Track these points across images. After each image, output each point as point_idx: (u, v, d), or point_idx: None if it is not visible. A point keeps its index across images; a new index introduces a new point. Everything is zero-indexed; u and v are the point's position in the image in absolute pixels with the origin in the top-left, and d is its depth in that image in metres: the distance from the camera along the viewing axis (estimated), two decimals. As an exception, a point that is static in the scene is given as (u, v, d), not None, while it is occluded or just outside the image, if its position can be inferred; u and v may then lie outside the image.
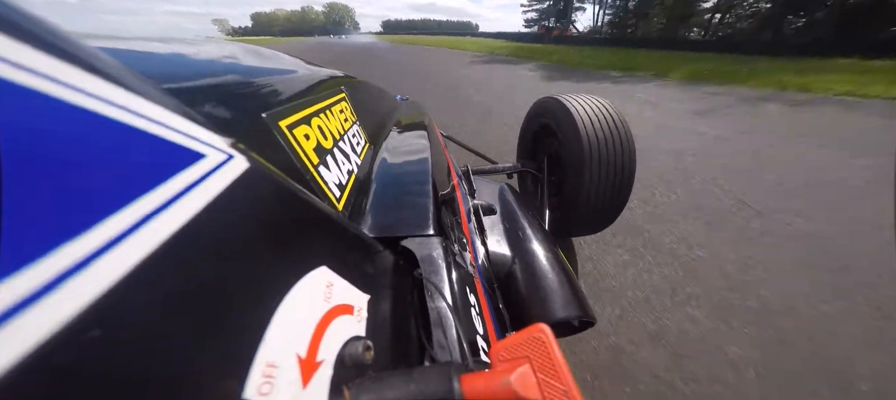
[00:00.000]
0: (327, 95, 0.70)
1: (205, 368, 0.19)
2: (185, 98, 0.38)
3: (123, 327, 0.15)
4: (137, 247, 0.17)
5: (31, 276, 0.13)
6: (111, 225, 0.16)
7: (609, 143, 1.30)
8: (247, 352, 0.21)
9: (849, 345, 1.29)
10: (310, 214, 0.32)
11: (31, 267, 0.13)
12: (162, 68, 0.49)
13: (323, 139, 0.58)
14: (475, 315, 0.49)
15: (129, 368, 0.15)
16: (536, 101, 1.70)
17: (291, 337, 0.24)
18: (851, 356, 1.25)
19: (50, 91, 0.16)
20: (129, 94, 0.20)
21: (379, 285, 0.37)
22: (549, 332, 0.27)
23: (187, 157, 0.22)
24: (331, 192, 0.51)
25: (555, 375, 0.24)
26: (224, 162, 0.24)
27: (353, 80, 1.00)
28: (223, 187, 0.23)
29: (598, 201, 1.34)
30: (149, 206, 0.18)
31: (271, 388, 0.21)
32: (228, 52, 0.73)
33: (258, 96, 0.50)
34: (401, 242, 0.48)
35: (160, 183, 0.19)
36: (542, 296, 0.82)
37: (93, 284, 0.15)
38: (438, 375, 0.26)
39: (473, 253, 0.70)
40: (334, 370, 0.26)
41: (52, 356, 0.13)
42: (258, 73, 0.59)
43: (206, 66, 0.56)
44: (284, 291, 0.25)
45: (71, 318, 0.13)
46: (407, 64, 12.73)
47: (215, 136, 0.25)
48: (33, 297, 0.13)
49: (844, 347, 1.29)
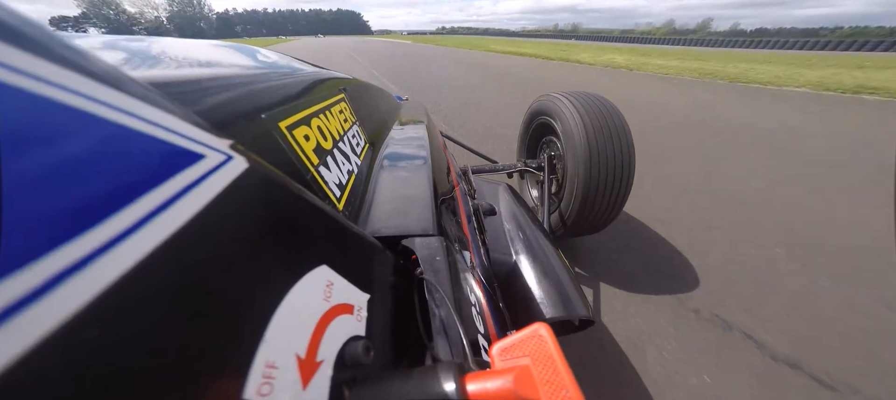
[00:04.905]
0: (327, 96, 0.70)
1: (204, 369, 0.19)
2: (185, 99, 0.38)
3: (123, 327, 0.15)
4: (137, 247, 0.17)
5: (31, 276, 0.13)
6: (111, 225, 0.16)
7: (608, 141, 1.30)
8: (246, 352, 0.21)
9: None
10: (309, 213, 0.32)
11: (31, 267, 0.13)
12: (161, 70, 0.49)
13: (323, 140, 0.58)
14: (475, 314, 0.49)
15: (128, 368, 0.15)
16: (536, 99, 1.70)
17: (291, 337, 0.24)
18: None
19: (50, 95, 0.16)
20: (128, 96, 0.20)
21: (379, 285, 0.37)
22: (550, 331, 0.27)
23: (186, 158, 0.22)
24: (331, 193, 0.51)
25: (555, 374, 0.24)
26: (223, 162, 0.24)
27: (353, 81, 1.00)
28: (222, 187, 0.23)
29: (599, 200, 1.34)
30: (148, 206, 0.18)
31: (271, 388, 0.21)
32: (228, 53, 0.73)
33: (258, 98, 0.50)
34: (401, 241, 0.48)
35: (159, 183, 0.19)
36: (542, 295, 0.82)
37: (92, 284, 0.15)
38: (439, 374, 0.26)
39: (473, 252, 0.70)
40: (334, 370, 0.26)
41: (51, 356, 0.13)
42: (258, 74, 0.59)
43: (205, 68, 0.56)
44: (284, 290, 0.25)
45: (71, 317, 0.13)
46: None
47: (214, 138, 0.25)
48: (33, 296, 0.13)
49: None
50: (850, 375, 1.15)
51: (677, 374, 1.14)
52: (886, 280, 1.58)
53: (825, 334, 1.30)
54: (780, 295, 1.49)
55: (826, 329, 1.33)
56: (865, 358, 1.21)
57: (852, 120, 4.62)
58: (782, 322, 1.35)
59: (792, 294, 1.50)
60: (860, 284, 1.55)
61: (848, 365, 1.18)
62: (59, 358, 0.13)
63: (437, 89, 6.50)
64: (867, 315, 1.39)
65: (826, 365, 1.18)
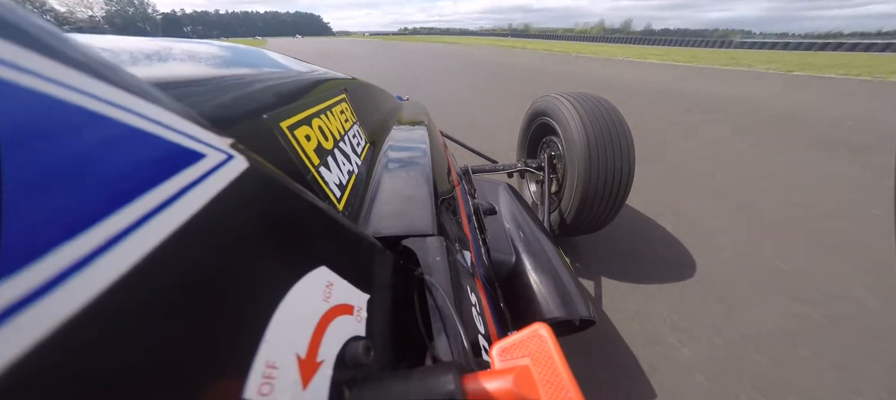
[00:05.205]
0: (328, 96, 0.70)
1: (205, 369, 0.19)
2: (187, 99, 0.38)
3: (123, 327, 0.15)
4: (137, 246, 0.17)
5: (31, 275, 0.13)
6: (111, 224, 0.16)
7: (608, 141, 1.30)
8: (247, 352, 0.21)
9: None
10: (310, 213, 0.32)
11: (31, 267, 0.13)
12: (162, 69, 0.49)
13: (323, 140, 0.58)
14: (476, 315, 0.49)
15: (128, 368, 0.15)
16: (536, 99, 1.70)
17: (291, 337, 0.24)
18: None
19: (50, 92, 0.16)
20: (128, 94, 0.20)
21: (379, 285, 0.37)
22: (550, 331, 0.27)
23: (187, 157, 0.22)
24: (331, 193, 0.51)
25: (555, 375, 0.24)
26: (224, 162, 0.24)
27: (354, 81, 1.00)
28: (223, 187, 0.23)
29: (599, 199, 1.34)
30: (148, 205, 0.18)
31: (271, 388, 0.21)
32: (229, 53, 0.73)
33: (259, 98, 0.50)
34: (401, 241, 0.48)
35: (160, 182, 0.19)
36: (542, 295, 0.82)
37: (92, 284, 0.14)
38: (439, 374, 0.26)
39: (474, 252, 0.70)
40: (334, 370, 0.26)
41: (51, 356, 0.13)
42: (259, 75, 0.59)
43: (207, 68, 0.56)
44: (284, 290, 0.25)
45: (71, 317, 0.13)
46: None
47: (215, 137, 0.25)
48: (33, 296, 0.13)
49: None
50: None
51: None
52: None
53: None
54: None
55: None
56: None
57: (650, 72, 10.21)
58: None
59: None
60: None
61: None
62: (59, 358, 0.13)
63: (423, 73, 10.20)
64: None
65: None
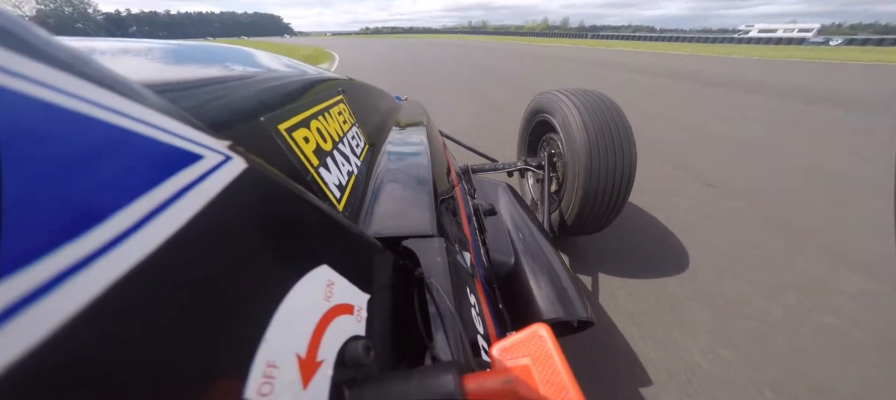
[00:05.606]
0: (325, 98, 0.70)
1: (205, 368, 0.19)
2: (183, 102, 0.38)
3: (123, 327, 0.15)
4: (136, 247, 0.17)
5: (31, 276, 0.13)
6: (110, 226, 0.16)
7: (609, 140, 1.30)
8: (247, 352, 0.21)
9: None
10: (309, 213, 0.32)
11: (31, 267, 0.13)
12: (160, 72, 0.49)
13: (322, 142, 0.58)
14: (475, 315, 0.49)
15: (128, 369, 0.15)
16: (535, 97, 1.70)
17: (291, 337, 0.24)
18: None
19: (47, 98, 0.16)
20: (123, 99, 0.20)
21: (379, 285, 0.37)
22: (550, 331, 0.27)
23: (184, 159, 0.22)
24: (331, 194, 0.51)
25: (555, 375, 0.24)
26: (222, 163, 0.24)
27: (351, 82, 1.00)
28: (221, 187, 0.23)
29: (599, 199, 1.34)
30: (147, 207, 0.18)
31: (271, 388, 0.21)
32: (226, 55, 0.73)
33: (256, 100, 0.50)
34: (401, 242, 0.48)
35: (157, 184, 0.19)
36: (541, 296, 0.82)
37: (92, 285, 0.15)
38: (439, 374, 0.26)
39: (473, 253, 0.70)
40: (334, 370, 0.26)
41: (51, 356, 0.13)
42: (256, 77, 0.59)
43: (203, 70, 0.56)
44: (284, 290, 0.25)
45: (71, 317, 0.13)
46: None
47: (212, 138, 0.25)
48: (33, 296, 0.13)
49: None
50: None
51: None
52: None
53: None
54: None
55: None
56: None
57: (558, 51, 19.51)
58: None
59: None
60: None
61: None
62: (59, 358, 0.13)
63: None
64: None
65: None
